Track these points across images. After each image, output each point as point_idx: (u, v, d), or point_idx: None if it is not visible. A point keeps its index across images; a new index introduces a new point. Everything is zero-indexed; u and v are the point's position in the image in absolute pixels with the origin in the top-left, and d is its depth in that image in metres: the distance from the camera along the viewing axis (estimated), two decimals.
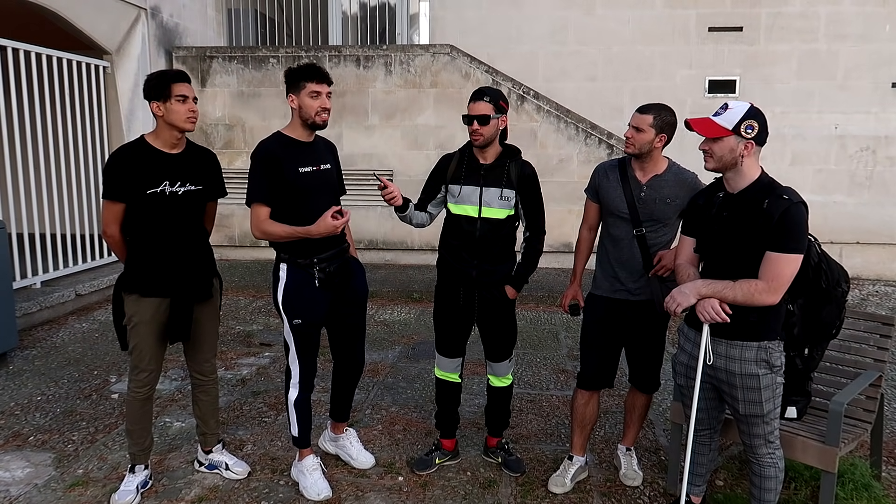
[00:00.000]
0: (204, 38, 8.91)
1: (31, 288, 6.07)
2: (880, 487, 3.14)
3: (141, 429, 3.07)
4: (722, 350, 2.51)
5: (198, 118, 2.92)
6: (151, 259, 2.91)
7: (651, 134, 2.88)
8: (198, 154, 3.04)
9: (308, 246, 2.97)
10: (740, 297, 2.35)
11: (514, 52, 8.79)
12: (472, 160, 3.15)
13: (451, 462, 3.43)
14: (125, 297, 2.94)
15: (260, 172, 2.89)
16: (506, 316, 3.24)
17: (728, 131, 2.38)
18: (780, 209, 2.30)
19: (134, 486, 3.04)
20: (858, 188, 8.52)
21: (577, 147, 7.89)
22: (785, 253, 2.30)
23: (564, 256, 7.99)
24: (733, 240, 2.43)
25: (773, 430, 2.56)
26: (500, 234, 3.13)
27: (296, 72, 2.92)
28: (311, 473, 3.14)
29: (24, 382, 4.49)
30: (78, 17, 6.65)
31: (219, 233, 8.33)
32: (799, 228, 2.31)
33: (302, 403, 3.14)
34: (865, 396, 3.05)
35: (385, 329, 5.86)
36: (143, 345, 2.95)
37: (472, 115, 3.02)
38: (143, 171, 2.83)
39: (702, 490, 2.92)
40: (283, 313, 3.03)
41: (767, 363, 2.45)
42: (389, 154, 8.05)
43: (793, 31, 8.46)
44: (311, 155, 3.00)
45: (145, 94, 2.86)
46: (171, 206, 2.89)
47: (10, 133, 5.77)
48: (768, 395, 2.48)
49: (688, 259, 2.65)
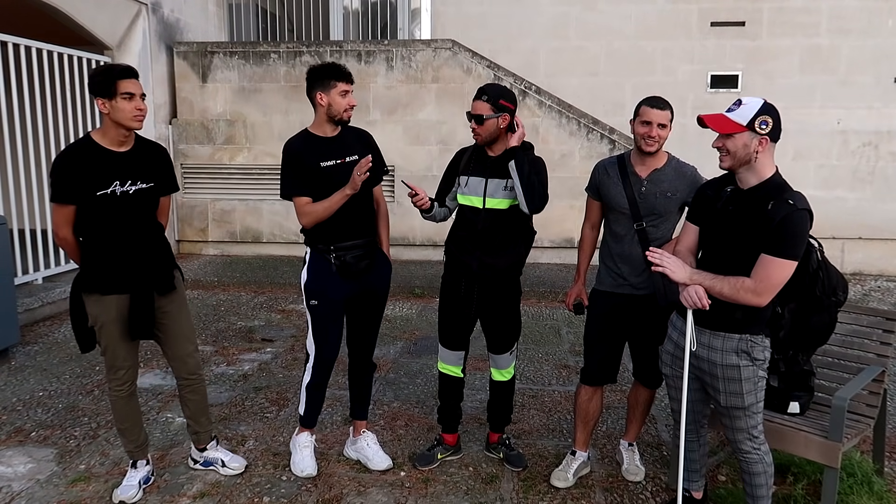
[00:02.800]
0: (205, 34, 8.90)
1: (33, 284, 6.08)
2: (882, 483, 3.13)
3: (132, 425, 3.03)
4: (705, 340, 2.51)
5: (145, 116, 2.82)
6: (107, 258, 2.83)
7: (670, 128, 2.92)
8: (147, 150, 2.94)
9: (328, 233, 3.07)
10: (727, 291, 2.34)
11: (516, 47, 8.77)
12: (481, 153, 3.20)
13: (454, 457, 3.44)
14: (85, 298, 2.86)
15: (288, 168, 3.07)
16: (507, 309, 3.26)
17: (742, 127, 2.34)
18: (781, 213, 2.27)
19: (136, 480, 3.04)
20: (861, 183, 8.49)
21: (579, 142, 7.87)
22: (779, 258, 2.28)
23: (566, 252, 7.98)
24: (733, 236, 2.42)
25: (757, 424, 2.54)
26: (503, 224, 3.15)
27: (326, 70, 3.01)
28: (301, 450, 3.29)
29: (26, 378, 4.50)
30: (78, 13, 6.64)
31: (220, 228, 8.33)
32: (797, 235, 2.28)
33: (314, 389, 3.26)
34: (868, 392, 3.04)
35: (387, 325, 5.85)
36: (115, 343, 2.89)
37: (471, 113, 3.09)
38: (92, 173, 2.74)
39: (700, 485, 2.92)
40: (303, 293, 3.18)
41: (749, 355, 2.44)
42: (391, 149, 8.02)
43: (795, 26, 8.43)
44: (335, 149, 3.08)
45: (90, 90, 2.74)
46: (123, 206, 2.81)
47: (10, 129, 5.76)
48: (749, 388, 2.46)
49: (687, 247, 2.64)
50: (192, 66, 8.15)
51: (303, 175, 3.02)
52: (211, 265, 7.84)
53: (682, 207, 3.04)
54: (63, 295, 6.03)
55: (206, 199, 8.26)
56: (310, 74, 3.04)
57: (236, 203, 8.23)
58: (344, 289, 3.14)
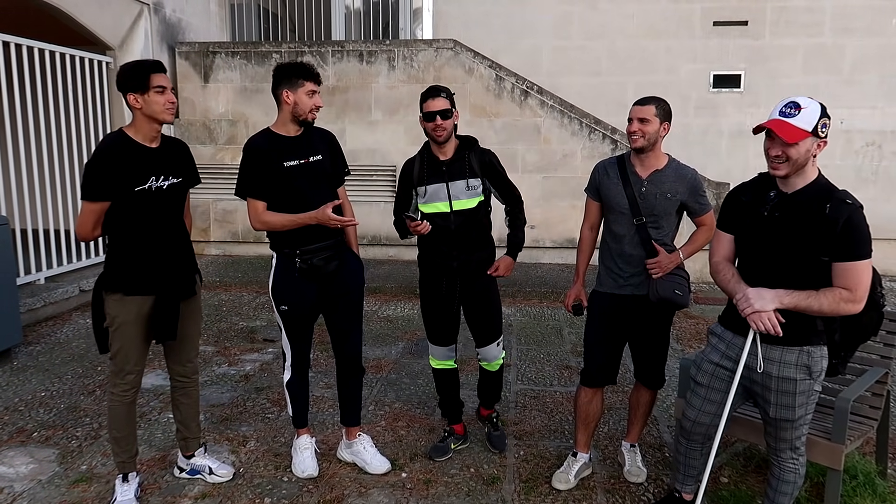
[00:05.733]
0: (207, 34, 8.90)
1: (35, 284, 6.08)
2: (885, 485, 3.12)
3: (128, 434, 2.98)
4: (761, 351, 2.42)
5: (175, 109, 2.84)
6: (135, 256, 2.81)
7: (656, 123, 2.90)
8: (172, 145, 2.98)
9: (293, 237, 3.03)
10: (827, 307, 2.25)
11: (518, 47, 8.76)
12: (431, 159, 3.23)
13: (464, 446, 3.54)
14: (106, 297, 2.83)
15: (248, 167, 3.00)
16: (488, 299, 3.34)
17: (808, 133, 2.25)
18: (844, 215, 2.21)
19: (131, 495, 2.95)
20: (864, 183, 8.47)
21: (581, 142, 7.85)
22: (861, 259, 2.23)
23: (568, 252, 7.97)
24: (787, 243, 2.32)
25: (801, 435, 2.48)
26: (474, 221, 3.23)
27: (293, 69, 2.97)
28: (301, 452, 3.30)
29: (28, 378, 4.50)
30: (80, 13, 6.64)
31: (222, 228, 8.33)
32: (866, 233, 2.24)
33: (295, 385, 3.27)
34: (871, 393, 3.03)
35: (388, 325, 5.85)
36: (129, 346, 2.85)
37: (433, 110, 3.08)
38: (130, 168, 2.73)
39: (693, 488, 2.88)
40: (272, 299, 3.18)
41: (808, 368, 2.37)
42: (392, 150, 8.03)
43: (798, 25, 8.40)
44: (298, 148, 3.03)
45: (120, 87, 2.73)
46: (157, 202, 2.83)
47: (13, 129, 5.77)
48: (802, 401, 2.39)
49: (725, 257, 2.55)
50: (193, 66, 8.15)
51: (263, 176, 2.96)
52: (213, 265, 7.84)
53: (681, 209, 3.04)
54: (65, 295, 6.04)
55: (207, 199, 8.26)
56: (277, 71, 3.01)
57: (238, 203, 8.21)
58: (312, 292, 3.11)
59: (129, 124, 2.83)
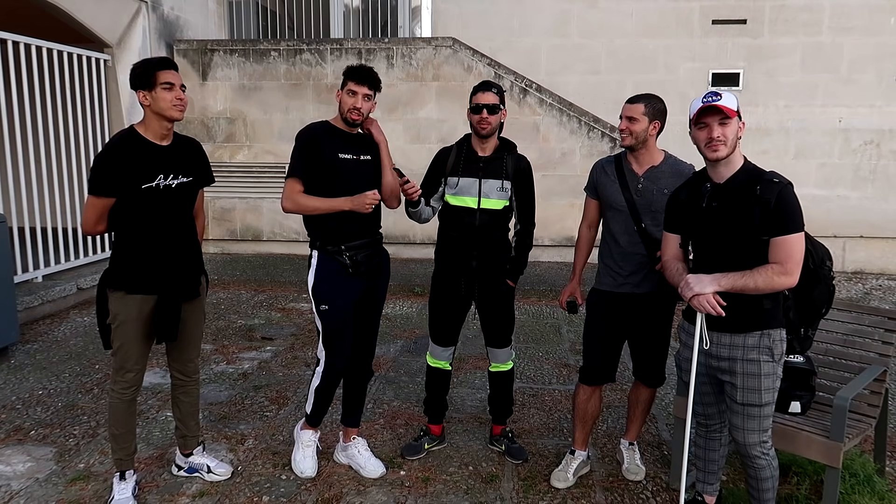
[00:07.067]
0: (205, 31, 8.88)
1: (33, 282, 6.06)
2: (884, 482, 3.12)
3: (127, 432, 2.97)
4: (726, 341, 2.51)
5: (186, 107, 2.83)
6: (139, 254, 2.81)
7: (645, 122, 2.91)
8: (185, 144, 2.98)
9: (338, 233, 3.02)
10: (761, 283, 2.34)
11: (517, 45, 8.75)
12: (470, 152, 3.21)
13: (438, 447, 3.50)
14: (110, 294, 2.82)
15: (299, 150, 3.00)
16: (506, 305, 3.32)
17: (735, 112, 2.40)
18: (774, 192, 2.33)
19: (129, 493, 2.94)
20: (862, 182, 8.48)
21: (580, 141, 7.85)
22: (792, 233, 2.32)
23: (567, 250, 7.96)
24: (728, 229, 2.43)
25: (767, 428, 2.55)
26: (498, 224, 3.22)
27: (346, 70, 3.02)
28: (304, 448, 3.26)
29: (26, 376, 4.49)
30: (78, 10, 6.63)
31: (221, 227, 8.32)
32: (796, 207, 2.34)
33: (322, 393, 3.19)
34: (870, 391, 3.04)
35: (386, 323, 5.84)
36: (130, 344, 2.85)
37: (482, 103, 3.08)
38: (138, 165, 2.74)
39: (715, 489, 2.89)
40: (312, 298, 3.10)
41: (770, 350, 2.46)
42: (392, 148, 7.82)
43: (797, 24, 8.40)
44: (353, 144, 3.06)
45: (131, 84, 2.76)
46: (164, 200, 2.82)
47: (10, 127, 5.75)
48: (768, 385, 2.47)
49: (674, 255, 2.65)
50: (192, 64, 8.14)
51: (312, 161, 2.97)
52: (211, 263, 7.83)
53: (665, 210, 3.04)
54: (62, 293, 6.02)
55: (206, 197, 8.24)
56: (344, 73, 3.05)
57: (236, 201, 8.21)
58: (355, 291, 3.10)
59: (139, 122, 2.84)
